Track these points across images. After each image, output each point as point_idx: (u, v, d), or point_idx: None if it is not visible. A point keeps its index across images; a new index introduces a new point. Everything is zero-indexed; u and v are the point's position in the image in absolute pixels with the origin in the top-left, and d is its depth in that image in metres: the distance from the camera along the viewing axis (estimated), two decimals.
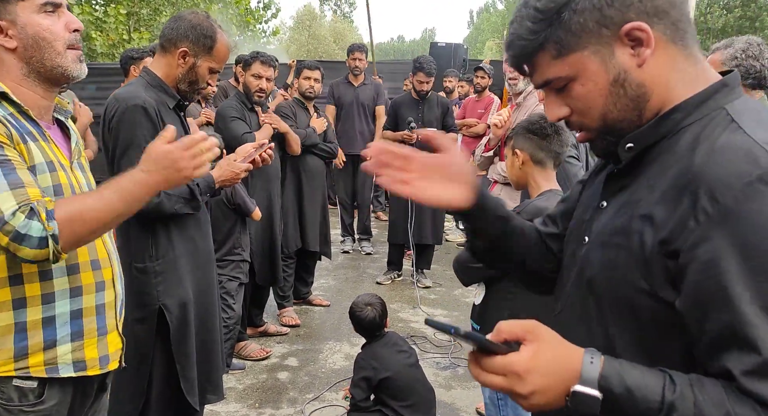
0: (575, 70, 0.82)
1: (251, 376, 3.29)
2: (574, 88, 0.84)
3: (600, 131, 0.86)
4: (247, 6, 15.90)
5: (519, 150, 1.98)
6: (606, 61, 0.81)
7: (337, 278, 5.05)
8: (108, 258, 1.45)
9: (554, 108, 0.88)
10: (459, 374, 3.38)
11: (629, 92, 0.81)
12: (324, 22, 36.77)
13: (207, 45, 2.01)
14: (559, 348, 0.77)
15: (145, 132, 1.94)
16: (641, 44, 0.79)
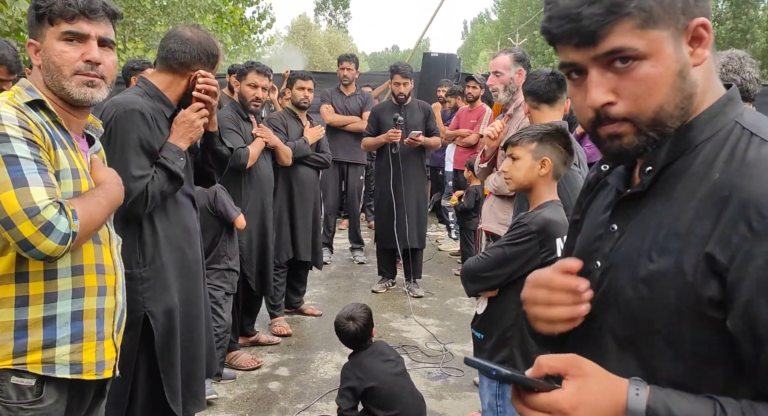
0: (652, 49, 0.75)
1: (242, 386, 3.27)
2: (642, 68, 0.76)
3: (648, 124, 0.78)
4: (242, 16, 15.96)
5: (549, 159, 1.98)
6: (678, 48, 0.77)
7: (329, 287, 5.05)
8: (113, 265, 1.50)
9: (600, 91, 0.78)
10: (450, 384, 3.38)
11: (686, 89, 0.78)
12: (319, 32, 36.94)
13: (213, 62, 2.11)
14: (604, 382, 0.75)
15: (141, 135, 1.97)
16: (700, 43, 0.77)
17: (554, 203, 2.03)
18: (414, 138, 4.63)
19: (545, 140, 2.01)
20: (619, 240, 0.84)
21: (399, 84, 4.68)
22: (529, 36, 31.79)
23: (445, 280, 5.35)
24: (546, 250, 1.96)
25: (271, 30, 26.91)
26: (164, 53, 2.08)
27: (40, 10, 1.40)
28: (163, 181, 2.01)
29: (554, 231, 1.95)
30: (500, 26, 40.34)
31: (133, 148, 1.96)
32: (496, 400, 2.06)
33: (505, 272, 2.00)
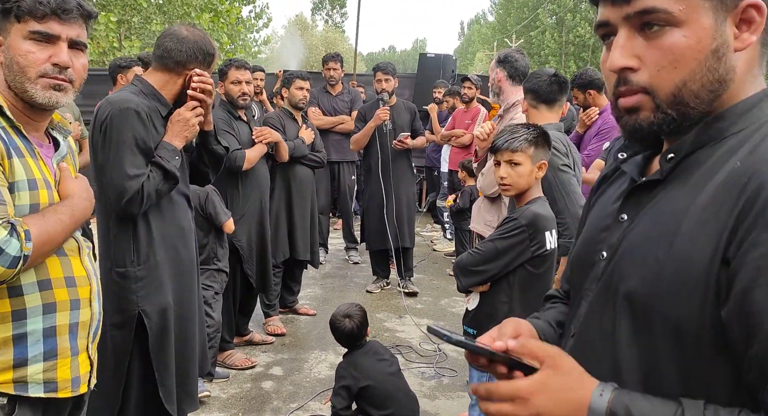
0: (687, 14, 0.71)
1: (235, 385, 3.27)
2: (672, 36, 0.72)
3: (666, 101, 0.74)
4: (238, 15, 15.95)
5: (544, 161, 2.09)
6: (718, 24, 0.71)
7: (324, 287, 5.05)
8: (86, 276, 1.41)
9: (621, 53, 0.74)
10: (444, 384, 3.39)
11: (720, 70, 0.72)
12: (315, 31, 36.93)
13: (209, 62, 2.10)
14: (573, 377, 0.74)
15: (136, 134, 1.96)
16: (749, 27, 0.72)
17: (541, 199, 2.12)
18: (402, 140, 4.65)
19: (539, 143, 2.07)
20: (627, 229, 0.80)
21: (381, 81, 4.70)
22: (525, 37, 31.84)
23: (440, 281, 5.36)
24: (536, 243, 2.04)
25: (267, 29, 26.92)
26: (160, 52, 2.07)
27: (6, 4, 1.30)
28: (159, 180, 2.01)
29: (543, 224, 2.04)
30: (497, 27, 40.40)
31: (129, 147, 1.95)
32: None
33: (497, 265, 2.05)
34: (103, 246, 2.04)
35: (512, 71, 2.94)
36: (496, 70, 3.05)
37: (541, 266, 2.07)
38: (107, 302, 2.04)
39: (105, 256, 2.04)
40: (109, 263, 2.02)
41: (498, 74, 3.03)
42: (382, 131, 4.65)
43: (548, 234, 2.06)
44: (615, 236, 0.82)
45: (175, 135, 2.08)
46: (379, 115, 4.55)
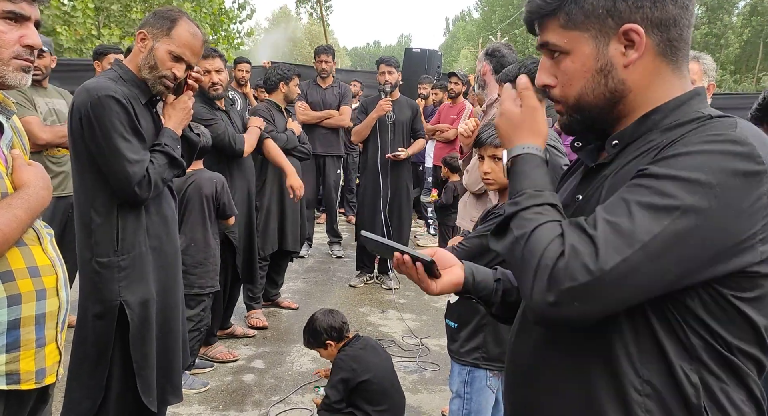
0: (571, 46, 0.90)
1: (216, 378, 3.24)
2: (565, 62, 0.92)
3: (571, 108, 0.94)
4: (221, 5, 15.73)
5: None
6: (599, 49, 0.89)
7: (306, 281, 5.02)
8: (51, 265, 1.36)
9: (544, 74, 0.96)
10: (426, 378, 3.40)
11: (609, 84, 0.90)
12: (300, 24, 36.63)
13: (165, 26, 1.97)
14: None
15: (123, 120, 1.91)
16: (632, 47, 0.87)
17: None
18: (396, 154, 4.65)
19: None
20: (580, 207, 0.94)
21: (384, 73, 4.69)
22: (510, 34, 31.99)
23: None
24: None
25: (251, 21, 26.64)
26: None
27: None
28: (164, 168, 1.99)
29: None
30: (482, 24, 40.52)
31: (119, 134, 1.90)
32: (465, 387, 2.08)
33: (483, 261, 2.03)
34: (82, 236, 1.99)
35: (498, 66, 2.93)
36: (483, 62, 3.05)
37: None
38: (88, 292, 2.00)
39: (85, 246, 1.99)
40: (89, 253, 1.97)
41: (485, 67, 3.02)
42: (383, 124, 4.62)
43: None
44: (570, 212, 0.95)
45: (178, 122, 2.07)
46: (381, 105, 4.53)
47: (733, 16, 29.41)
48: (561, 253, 0.78)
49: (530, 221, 0.84)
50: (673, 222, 0.76)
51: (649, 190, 0.78)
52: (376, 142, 4.65)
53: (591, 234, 0.78)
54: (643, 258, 0.76)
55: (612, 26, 0.87)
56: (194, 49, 2.02)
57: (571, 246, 0.78)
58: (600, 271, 0.75)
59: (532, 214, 0.85)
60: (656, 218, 0.76)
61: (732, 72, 27.15)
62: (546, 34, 0.93)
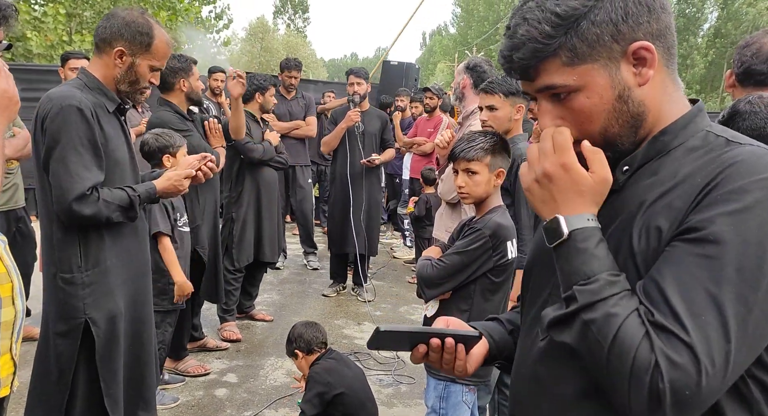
0: (583, 81, 0.82)
1: (186, 393, 3.16)
2: (578, 100, 0.83)
3: (599, 146, 0.85)
4: (197, 14, 15.63)
5: (502, 169, 2.06)
6: (613, 75, 0.82)
7: (281, 293, 4.96)
8: (6, 273, 1.32)
9: (548, 119, 0.87)
10: (401, 391, 3.37)
11: (631, 109, 0.83)
12: (277, 35, 36.61)
13: (144, 42, 1.94)
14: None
15: (80, 133, 1.84)
16: (644, 64, 0.82)
17: (501, 208, 2.11)
18: (371, 160, 4.66)
19: (496, 151, 2.06)
20: None
21: (353, 84, 4.72)
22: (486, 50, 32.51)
23: (399, 288, 5.35)
24: (498, 253, 2.03)
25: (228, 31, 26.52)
26: (94, 35, 1.96)
27: None
28: (117, 208, 1.89)
29: (505, 234, 2.04)
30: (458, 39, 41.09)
31: (72, 147, 1.82)
32: (440, 402, 2.07)
33: (462, 277, 2.05)
34: (46, 251, 1.93)
35: (478, 80, 2.97)
36: (463, 75, 3.08)
37: (501, 275, 2.08)
38: (51, 309, 1.93)
39: (49, 261, 1.92)
40: (54, 268, 1.90)
41: (465, 80, 3.06)
42: (352, 134, 4.63)
43: (509, 243, 2.06)
44: None
45: (164, 188, 2.04)
46: (350, 116, 4.53)
47: (698, 37, 30.42)
48: (655, 364, 0.70)
49: (611, 318, 0.74)
50: (759, 299, 0.70)
51: (720, 262, 0.71)
52: (345, 152, 4.66)
53: (685, 340, 0.70)
54: (742, 345, 0.70)
55: (618, 50, 0.81)
56: (168, 55, 2.04)
57: (666, 357, 0.70)
58: (705, 381, 0.69)
59: (611, 307, 0.75)
60: (743, 300, 0.70)
61: (697, 91, 28.02)
62: (546, 76, 0.84)
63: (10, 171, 3.44)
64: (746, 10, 28.22)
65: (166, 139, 2.86)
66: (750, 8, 28.06)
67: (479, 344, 1.04)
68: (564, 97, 0.84)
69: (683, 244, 0.74)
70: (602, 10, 0.80)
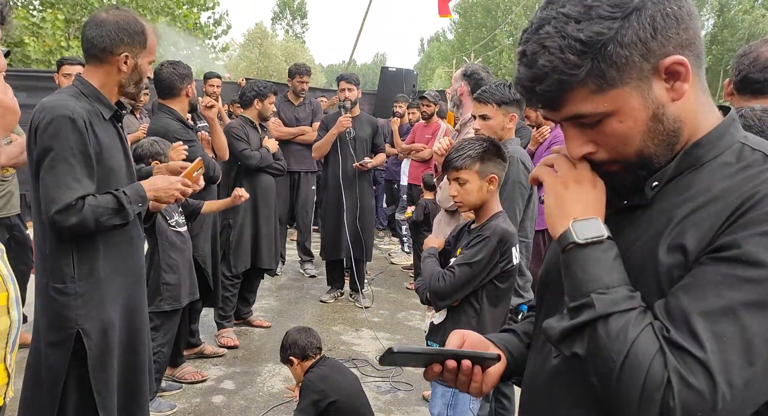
0: (615, 106, 0.77)
1: (183, 400, 3.14)
2: (611, 124, 0.78)
3: (636, 165, 0.81)
4: (196, 21, 15.66)
5: (494, 175, 2.04)
6: (645, 96, 0.77)
7: (279, 299, 4.95)
8: (2, 281, 1.31)
9: (577, 145, 0.82)
10: (399, 398, 3.36)
11: (667, 127, 0.78)
12: (275, 40, 36.69)
13: (142, 41, 1.96)
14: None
15: (72, 143, 1.81)
16: (678, 78, 0.77)
17: (503, 213, 2.10)
18: (363, 163, 4.67)
19: (486, 157, 2.04)
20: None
21: (344, 90, 4.73)
22: (483, 56, 32.63)
23: (397, 294, 5.34)
24: (504, 259, 2.03)
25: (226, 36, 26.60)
26: (85, 45, 1.93)
27: None
28: (106, 211, 1.84)
29: (511, 240, 2.04)
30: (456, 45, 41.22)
31: (62, 157, 1.80)
32: (447, 410, 2.06)
33: (472, 287, 2.04)
34: (39, 260, 1.91)
35: (476, 87, 2.98)
36: (460, 81, 3.09)
37: (506, 280, 2.07)
38: (43, 319, 1.90)
39: (41, 271, 1.90)
40: (46, 278, 1.88)
41: (462, 87, 3.07)
42: (344, 140, 4.64)
43: (514, 249, 2.06)
44: None
45: (153, 189, 1.99)
46: (341, 122, 4.54)
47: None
48: (667, 382, 0.67)
49: (627, 331, 0.71)
50: None
51: (752, 283, 0.67)
52: (337, 158, 4.66)
53: (700, 358, 0.66)
54: (765, 371, 0.67)
55: (649, 68, 0.76)
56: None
57: (679, 375, 0.67)
58: (721, 405, 0.65)
59: (628, 321, 0.72)
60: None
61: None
62: (573, 106, 0.79)
63: (5, 178, 3.44)
64: (742, 17, 28.39)
65: (161, 147, 2.91)
66: (746, 15, 28.24)
67: (493, 350, 1.01)
68: (594, 122, 0.79)
69: (713, 263, 0.71)
70: (629, 30, 0.74)
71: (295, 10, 42.67)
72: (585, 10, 0.74)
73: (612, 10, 0.73)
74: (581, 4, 0.74)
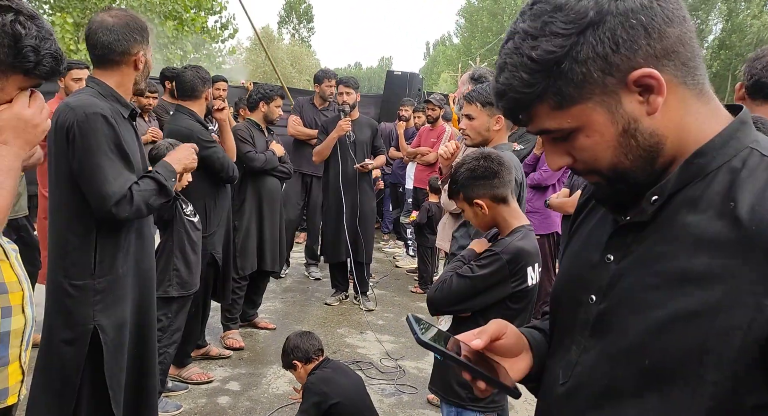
0: (579, 122, 0.75)
1: (189, 400, 3.16)
2: (579, 139, 0.76)
3: (612, 179, 0.78)
4: (203, 24, 15.77)
5: (477, 199, 1.91)
6: (613, 111, 0.73)
7: (284, 301, 4.97)
8: (18, 281, 1.34)
9: (554, 157, 0.81)
10: (404, 401, 3.37)
11: (641, 142, 0.74)
12: (282, 45, 36.85)
13: (147, 37, 2.04)
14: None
15: (108, 139, 1.91)
16: (651, 91, 0.72)
17: (524, 228, 1.93)
18: (364, 164, 4.70)
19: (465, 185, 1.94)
20: (618, 274, 0.78)
21: (342, 93, 4.77)
22: (489, 60, 32.66)
23: (402, 297, 5.35)
24: (517, 279, 1.89)
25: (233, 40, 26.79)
26: (101, 51, 1.97)
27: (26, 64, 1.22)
28: (151, 193, 1.98)
29: (525, 259, 1.89)
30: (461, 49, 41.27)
31: (104, 153, 1.89)
32: None
33: (473, 304, 1.92)
34: (55, 258, 1.94)
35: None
36: (467, 85, 3.11)
37: (520, 301, 1.93)
38: (57, 316, 1.94)
39: (57, 268, 1.94)
40: (62, 275, 1.92)
41: (468, 90, 3.09)
42: (343, 144, 4.67)
43: (530, 269, 1.91)
44: (603, 279, 0.80)
45: (178, 159, 2.14)
46: (341, 126, 4.57)
47: (703, 49, 30.50)
48: None
49: None
50: None
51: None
52: (337, 161, 4.69)
53: None
54: None
55: (615, 82, 0.72)
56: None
57: None
58: None
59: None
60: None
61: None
62: (539, 122, 0.77)
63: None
64: (751, 22, 28.28)
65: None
66: (755, 20, 28.12)
67: (523, 361, 0.93)
68: (565, 136, 0.77)
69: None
70: (585, 46, 0.70)
71: (302, 14, 42.85)
72: (541, 26, 0.72)
73: (566, 26, 0.70)
74: (539, 19, 0.72)
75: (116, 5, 12.54)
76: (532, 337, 0.97)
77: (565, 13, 0.70)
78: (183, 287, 2.98)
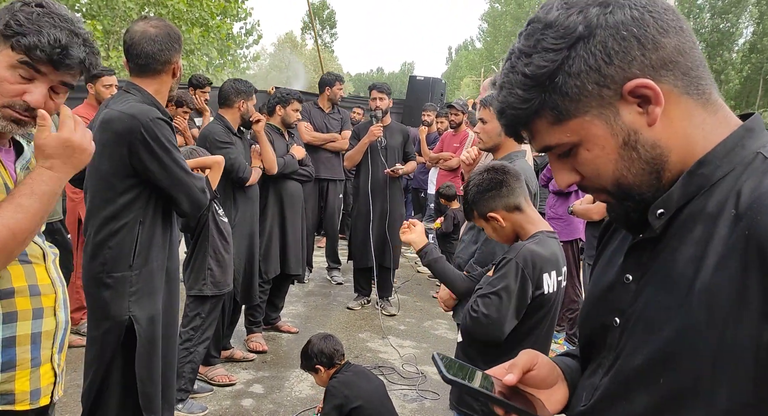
0: (579, 136, 0.74)
1: (214, 402, 3.21)
2: (581, 154, 0.76)
3: (618, 196, 0.77)
4: (229, 31, 16.02)
5: (491, 213, 1.88)
6: (611, 123, 0.73)
7: (306, 305, 5.01)
8: (51, 284, 1.36)
9: (562, 174, 0.80)
10: (425, 407, 3.36)
11: (643, 154, 0.73)
12: (305, 50, 37.20)
13: (181, 45, 2.14)
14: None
15: (173, 139, 2.03)
16: (649, 102, 0.71)
17: (542, 234, 1.88)
18: (394, 169, 4.72)
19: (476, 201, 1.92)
20: (637, 293, 0.76)
21: (375, 99, 4.80)
22: None
23: (423, 302, 5.35)
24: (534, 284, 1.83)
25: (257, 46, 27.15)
26: (144, 60, 2.04)
27: (7, 30, 1.20)
28: (207, 185, 2.29)
29: (540, 264, 1.83)
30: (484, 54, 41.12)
31: (176, 150, 2.04)
32: None
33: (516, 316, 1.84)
34: (93, 253, 2.01)
35: None
36: (489, 91, 3.11)
37: (539, 311, 1.85)
38: (93, 310, 2.01)
39: (94, 262, 2.00)
40: (100, 268, 1.98)
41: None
42: (375, 149, 4.69)
43: (546, 276, 1.84)
44: (624, 300, 0.78)
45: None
46: (373, 131, 4.60)
47: (733, 53, 29.86)
48: None
49: None
50: None
51: None
52: (368, 167, 4.72)
53: None
54: None
55: (611, 94, 0.72)
56: None
57: None
58: None
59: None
60: None
61: (732, 107, 27.54)
62: (540, 138, 0.78)
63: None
64: None
65: (199, 154, 3.00)
66: None
67: (559, 391, 0.90)
68: (568, 151, 0.77)
69: None
70: (577, 60, 0.71)
71: (325, 19, 43.21)
72: (533, 44, 0.73)
73: (556, 41, 0.71)
74: (532, 38, 0.74)
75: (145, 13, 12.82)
76: (566, 366, 0.95)
77: (555, 30, 0.72)
78: (216, 286, 3.05)
